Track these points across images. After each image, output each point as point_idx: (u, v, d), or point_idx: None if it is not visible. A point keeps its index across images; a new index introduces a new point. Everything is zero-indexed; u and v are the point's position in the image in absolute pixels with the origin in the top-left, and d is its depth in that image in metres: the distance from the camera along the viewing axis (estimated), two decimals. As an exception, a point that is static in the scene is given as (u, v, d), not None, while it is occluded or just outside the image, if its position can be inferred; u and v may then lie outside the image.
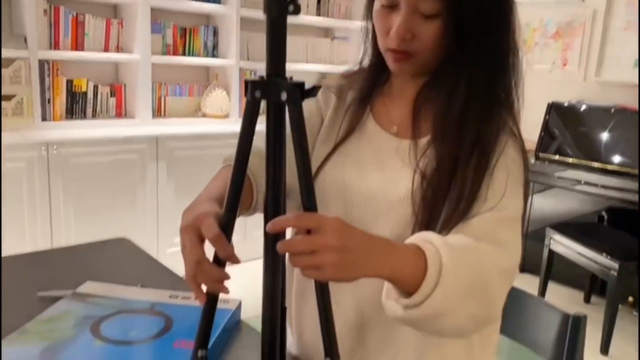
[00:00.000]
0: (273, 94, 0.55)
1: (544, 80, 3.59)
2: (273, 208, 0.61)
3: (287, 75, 0.56)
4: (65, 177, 2.64)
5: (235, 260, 0.61)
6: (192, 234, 0.65)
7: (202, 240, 0.64)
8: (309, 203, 0.59)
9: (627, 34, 3.20)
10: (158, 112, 3.25)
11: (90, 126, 2.88)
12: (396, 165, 0.88)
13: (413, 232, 0.82)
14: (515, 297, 1.24)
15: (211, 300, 0.61)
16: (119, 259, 1.36)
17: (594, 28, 3.33)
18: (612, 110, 3.10)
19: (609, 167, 3.00)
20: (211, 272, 0.61)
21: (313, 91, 0.57)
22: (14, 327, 0.90)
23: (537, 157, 3.31)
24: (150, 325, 0.92)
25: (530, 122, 3.46)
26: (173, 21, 3.23)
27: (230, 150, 0.94)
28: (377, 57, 0.94)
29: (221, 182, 0.84)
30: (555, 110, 3.32)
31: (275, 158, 0.59)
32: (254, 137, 0.60)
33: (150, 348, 0.84)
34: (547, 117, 3.33)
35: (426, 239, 0.70)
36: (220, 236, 0.61)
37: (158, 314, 0.96)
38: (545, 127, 3.33)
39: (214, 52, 3.42)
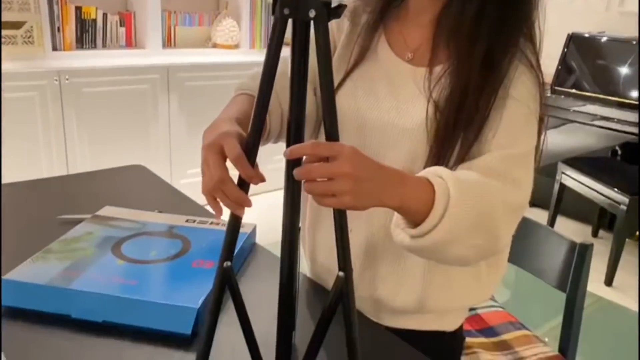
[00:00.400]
0: (301, 12, 0.54)
1: (564, 10, 3.46)
2: (295, 131, 0.62)
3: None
4: (77, 106, 2.65)
5: (257, 180, 0.62)
6: (215, 152, 0.64)
7: (224, 159, 0.64)
8: (331, 129, 0.60)
9: (656, -40, 3.04)
10: (168, 42, 3.20)
11: (100, 56, 2.85)
12: (410, 93, 0.87)
13: (426, 165, 0.82)
14: (524, 226, 1.27)
15: (235, 216, 0.62)
16: (136, 185, 1.39)
17: (621, -46, 3.17)
18: (635, 42, 3.00)
19: (627, 101, 2.95)
20: (232, 191, 0.62)
21: (339, 10, 0.56)
22: (37, 248, 0.93)
23: (553, 91, 3.25)
24: (169, 246, 0.95)
25: (548, 54, 3.36)
26: (181, -54, 3.12)
27: (242, 79, 0.94)
28: None
29: (239, 106, 0.84)
30: (574, 41, 3.22)
31: (300, 79, 0.59)
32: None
33: (170, 267, 0.88)
34: (566, 49, 3.24)
35: (436, 172, 0.71)
36: (242, 156, 0.61)
37: (176, 237, 0.99)
38: (564, 60, 3.25)
39: (224, -22, 3.32)
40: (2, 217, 1.13)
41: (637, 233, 2.93)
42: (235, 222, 0.62)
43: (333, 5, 0.56)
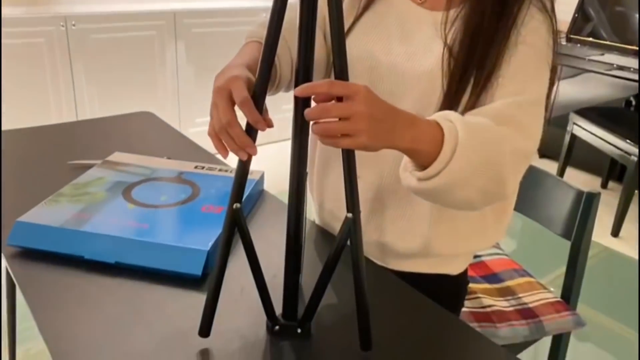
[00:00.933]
0: None
1: (584, -47, 3.33)
2: (304, 75, 0.61)
3: None
4: (85, 52, 2.63)
5: (263, 126, 0.62)
6: (224, 96, 0.65)
7: (232, 103, 0.65)
8: (341, 71, 0.59)
9: None
10: (175, -14, 3.14)
11: (106, 1, 2.80)
12: (424, 37, 0.86)
13: (437, 110, 0.82)
14: (531, 175, 1.27)
15: (243, 161, 0.63)
16: (145, 131, 1.40)
17: None
18: (655, -12, 2.90)
19: (642, 49, 2.87)
20: (238, 135, 0.63)
21: None
22: (49, 192, 0.95)
23: (568, 39, 3.17)
24: (179, 191, 0.96)
25: (565, 1, 3.28)
26: None
27: (250, 26, 0.93)
28: None
29: (249, 53, 0.83)
30: (593, -13, 3.12)
31: (309, 25, 0.59)
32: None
33: (180, 211, 0.90)
34: (583, -5, 3.14)
35: (446, 117, 0.71)
36: (249, 100, 0.62)
37: (185, 182, 1.00)
38: (581, 7, 3.15)
39: None
40: (11, 162, 1.15)
41: (647, 184, 2.91)
42: (243, 167, 0.63)
43: None
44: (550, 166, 3.31)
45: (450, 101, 0.81)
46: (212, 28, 3.01)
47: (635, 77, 2.86)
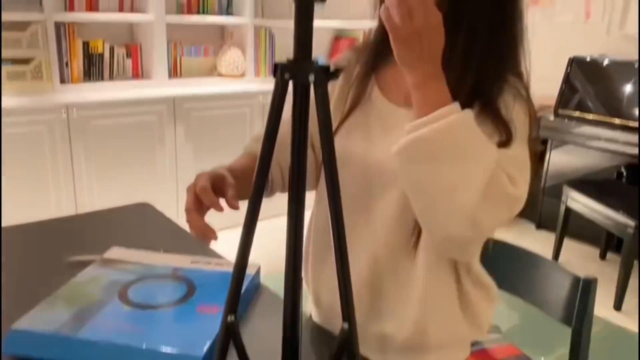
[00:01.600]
0: (301, 77, 0.57)
1: (566, 33, 3.50)
2: (297, 188, 0.63)
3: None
4: (86, 139, 2.69)
5: (218, 208, 0.80)
6: (190, 189, 0.85)
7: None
8: (333, 186, 0.61)
9: (654, -16, 3.08)
10: (174, 72, 3.26)
11: (108, 88, 2.90)
12: (404, 135, 0.90)
13: None
14: (527, 259, 1.27)
15: (240, 265, 0.64)
16: (142, 223, 1.41)
17: (619, -22, 3.22)
18: (636, 64, 3.03)
19: (631, 123, 2.96)
20: (194, 221, 0.81)
21: (337, 73, 0.59)
22: (46, 292, 0.95)
23: (556, 114, 3.27)
24: (174, 290, 0.96)
25: (551, 77, 3.41)
26: (186, -22, 3.19)
27: (245, 109, 1.02)
28: (383, 33, 0.94)
29: (239, 159, 0.92)
30: (576, 64, 3.25)
31: (301, 138, 0.61)
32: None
33: (175, 312, 0.89)
34: (568, 71, 3.26)
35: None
36: (205, 188, 0.81)
37: (181, 279, 1.01)
38: (566, 82, 3.27)
39: (228, 10, 3.38)
40: (11, 260, 1.15)
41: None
42: (239, 271, 0.64)
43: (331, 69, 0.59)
44: (547, 238, 3.31)
45: None
46: (211, 111, 3.10)
47: (621, 149, 2.92)
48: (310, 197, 0.78)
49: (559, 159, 3.38)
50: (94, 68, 2.95)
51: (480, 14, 0.84)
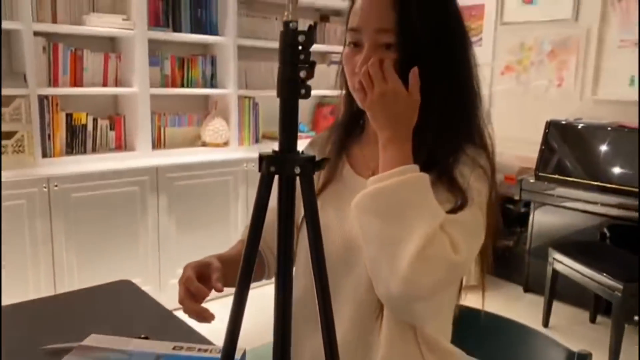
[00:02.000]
0: (287, 169, 0.57)
1: (541, 99, 3.62)
2: (283, 276, 0.62)
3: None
4: (66, 213, 2.65)
5: (204, 295, 0.86)
6: (180, 285, 0.88)
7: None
8: (320, 271, 0.60)
9: (622, 52, 3.23)
10: (158, 143, 3.27)
11: (90, 160, 2.89)
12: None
13: None
14: (519, 332, 1.25)
15: (226, 356, 0.61)
16: (123, 303, 1.36)
17: (589, 47, 3.36)
18: (610, 128, 3.12)
19: (608, 185, 3.01)
20: (188, 308, 0.85)
21: (322, 163, 0.59)
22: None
23: (537, 176, 3.32)
24: (155, 381, 0.92)
25: (531, 140, 3.50)
26: (171, 52, 3.26)
27: (228, 177, 1.09)
28: (350, 115, 1.03)
29: (234, 247, 1.00)
30: (553, 128, 3.34)
31: (287, 227, 0.61)
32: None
33: (156, 408, 0.84)
34: (546, 135, 3.34)
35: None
36: (189, 278, 0.87)
37: (163, 368, 0.96)
38: (544, 146, 3.34)
39: (212, 81, 3.45)
40: (-18, 350, 1.09)
41: (636, 318, 2.88)
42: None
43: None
44: (535, 301, 3.28)
45: None
46: (194, 180, 3.09)
47: (603, 211, 2.96)
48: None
49: (542, 221, 3.40)
50: (76, 140, 2.95)
51: (433, 91, 0.88)
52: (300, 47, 0.54)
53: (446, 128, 0.90)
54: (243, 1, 3.44)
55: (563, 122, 3.32)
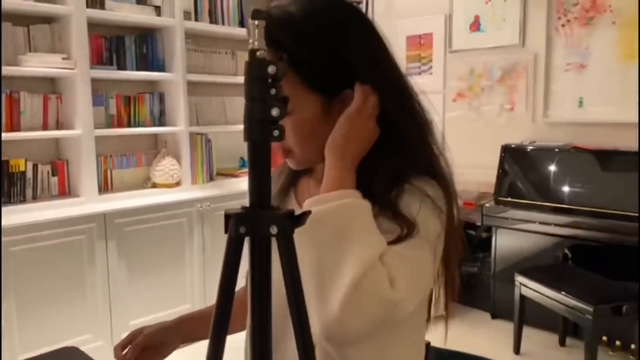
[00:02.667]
0: (261, 228, 0.46)
1: (494, 124, 3.65)
2: (260, 346, 0.50)
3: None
4: (5, 272, 2.42)
5: None
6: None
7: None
8: (304, 346, 0.49)
9: (569, 75, 3.29)
10: (104, 187, 3.08)
11: (30, 210, 2.68)
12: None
13: None
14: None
15: None
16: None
17: (537, 71, 3.42)
18: (563, 149, 3.15)
19: (566, 206, 3.03)
20: None
21: (304, 218, 0.48)
22: None
23: (496, 201, 3.31)
24: None
25: (487, 165, 3.50)
26: (116, 91, 3.12)
27: (182, 219, 1.03)
28: None
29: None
30: (509, 152, 3.35)
31: (262, 296, 0.49)
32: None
33: None
34: (502, 160, 3.35)
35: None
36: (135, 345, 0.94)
37: None
38: (501, 170, 3.35)
39: (161, 119, 3.31)
40: None
41: (604, 338, 2.85)
42: None
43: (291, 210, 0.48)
44: (504, 327, 3.23)
45: None
46: (145, 224, 2.92)
47: (563, 232, 2.97)
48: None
49: (504, 245, 3.38)
50: (14, 189, 2.73)
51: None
52: (270, 80, 0.44)
53: (388, 157, 0.84)
54: (190, 36, 3.34)
55: (518, 146, 3.34)
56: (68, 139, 2.90)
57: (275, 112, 0.44)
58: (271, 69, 0.44)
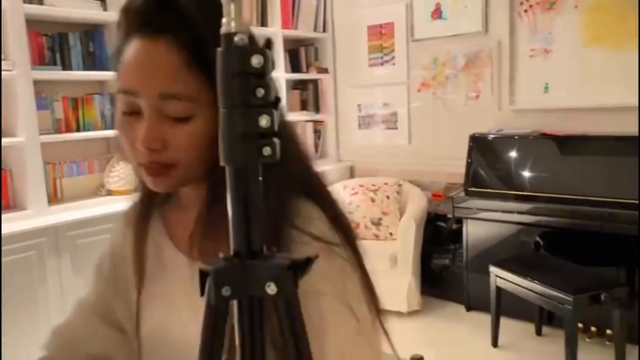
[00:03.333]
0: (252, 288, 0.32)
1: (460, 113, 3.58)
2: None
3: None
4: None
5: None
6: None
7: None
8: None
9: (533, 61, 3.25)
10: (54, 197, 2.85)
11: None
12: None
13: None
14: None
15: None
16: None
17: (501, 58, 3.36)
18: (532, 136, 3.11)
19: (534, 194, 2.99)
20: None
21: (308, 264, 0.34)
22: None
23: (466, 192, 3.25)
24: None
25: (455, 155, 3.43)
26: (62, 93, 2.89)
27: None
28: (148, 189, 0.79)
29: None
30: (477, 141, 3.29)
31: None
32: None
33: None
34: (471, 149, 3.29)
35: None
36: None
37: None
38: (470, 160, 3.29)
39: (112, 121, 3.09)
40: None
41: (580, 325, 2.83)
42: None
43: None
44: (479, 319, 3.19)
45: None
46: (101, 236, 2.71)
47: (532, 220, 2.93)
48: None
49: (476, 236, 3.32)
50: (-48, 204, 2.49)
51: None
52: (254, 77, 0.30)
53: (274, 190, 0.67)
54: (140, 32, 3.13)
55: (485, 135, 3.28)
56: (10, 147, 2.66)
57: (265, 121, 0.31)
58: (256, 61, 0.31)
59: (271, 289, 0.31)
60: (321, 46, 4.17)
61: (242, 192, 0.32)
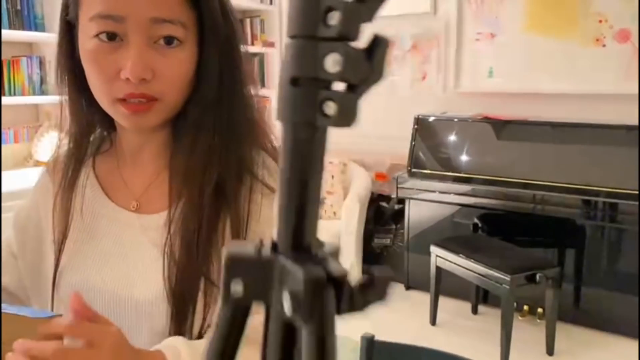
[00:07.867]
0: (268, 295, 0.24)
1: (406, 94, 3.59)
2: None
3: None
4: None
5: None
6: None
7: None
8: None
9: (479, 44, 3.29)
10: (-25, 166, 2.64)
11: None
12: (143, 251, 0.72)
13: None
14: None
15: None
16: None
17: (449, 40, 3.38)
18: (475, 119, 3.16)
19: (474, 176, 3.06)
20: None
21: (386, 285, 0.26)
22: None
23: (409, 173, 3.27)
24: None
25: (400, 137, 3.44)
26: (-16, 53, 2.66)
27: None
28: (82, 126, 0.76)
29: None
30: (421, 123, 3.31)
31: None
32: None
33: None
34: (415, 131, 3.31)
35: (170, 343, 0.64)
36: None
37: None
38: (414, 142, 3.31)
39: (42, 87, 2.88)
40: None
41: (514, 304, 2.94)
42: None
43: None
44: (419, 298, 3.25)
45: (179, 325, 0.68)
46: (28, 209, 2.54)
47: (473, 202, 2.99)
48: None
49: (417, 217, 3.37)
50: None
51: (224, 92, 0.70)
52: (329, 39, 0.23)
53: (233, 145, 0.71)
54: (75, -8, 2.92)
55: (430, 117, 3.31)
56: None
57: (331, 63, 0.23)
58: (333, 18, 0.24)
59: (287, 305, 0.23)
60: (268, 19, 4.06)
61: (297, 159, 0.24)
